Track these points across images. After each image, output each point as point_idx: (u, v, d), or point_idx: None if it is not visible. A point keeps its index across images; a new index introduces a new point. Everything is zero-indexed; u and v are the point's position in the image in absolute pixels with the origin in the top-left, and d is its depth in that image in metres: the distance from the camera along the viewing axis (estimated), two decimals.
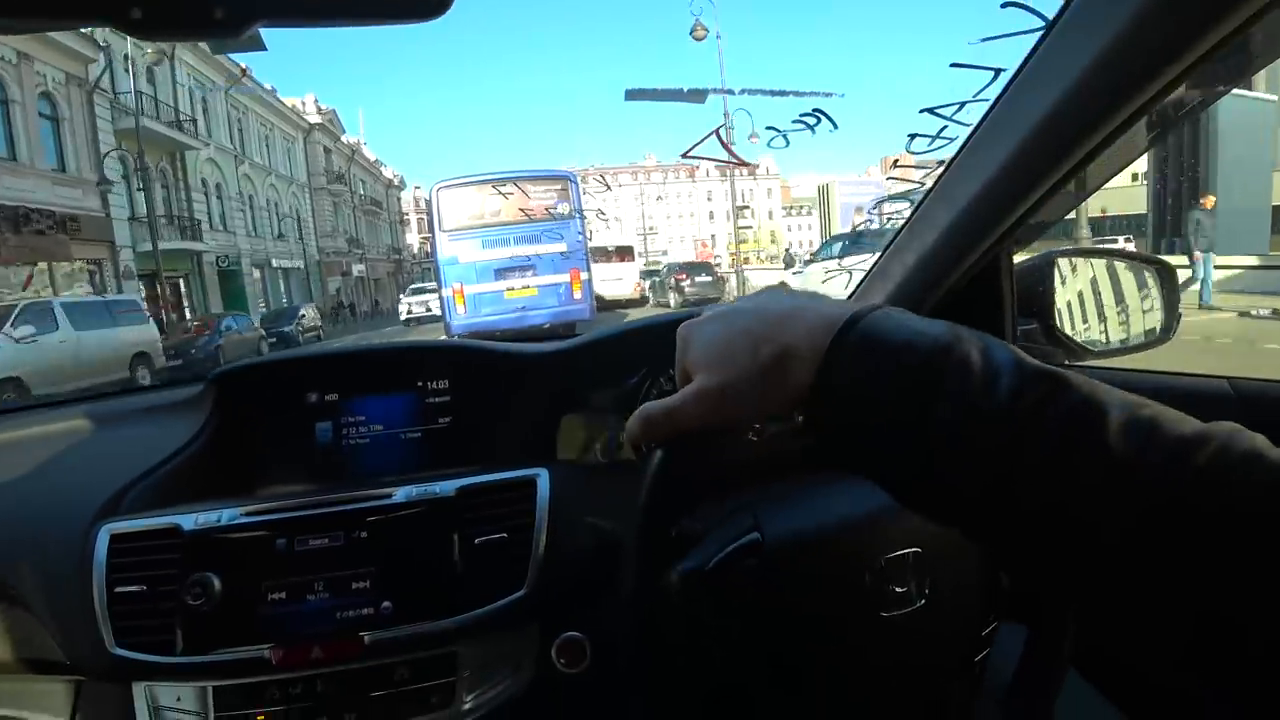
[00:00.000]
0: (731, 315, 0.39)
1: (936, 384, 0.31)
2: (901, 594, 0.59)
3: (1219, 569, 0.26)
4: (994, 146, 0.79)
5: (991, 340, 0.33)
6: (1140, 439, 0.28)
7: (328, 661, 0.69)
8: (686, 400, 0.38)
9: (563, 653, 0.73)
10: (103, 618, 0.68)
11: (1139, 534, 0.27)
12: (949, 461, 0.31)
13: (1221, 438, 0.28)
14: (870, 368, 0.33)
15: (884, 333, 0.33)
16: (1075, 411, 0.29)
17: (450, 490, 0.75)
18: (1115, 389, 0.30)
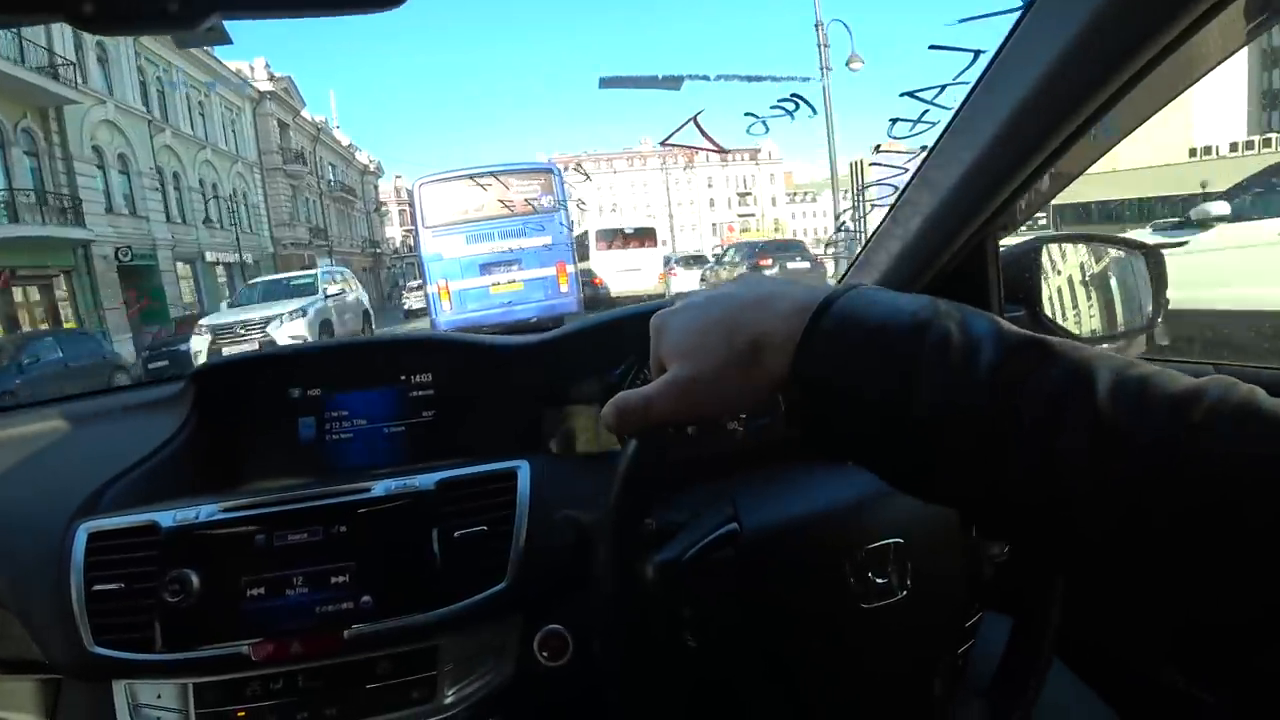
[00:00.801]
0: (705, 304, 0.38)
1: (915, 364, 0.30)
2: (883, 585, 0.59)
3: (1215, 532, 0.25)
4: (976, 130, 0.78)
5: (970, 313, 0.32)
6: (1131, 401, 0.27)
7: (308, 657, 0.69)
8: (660, 391, 0.37)
9: (544, 646, 0.73)
10: (81, 616, 0.68)
11: (1135, 500, 0.26)
12: (934, 442, 0.30)
13: (1215, 392, 0.27)
14: (847, 352, 0.32)
15: (859, 314, 0.32)
16: (1061, 379, 0.28)
17: (430, 484, 0.74)
18: (1104, 351, 0.30)
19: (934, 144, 0.85)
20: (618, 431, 0.42)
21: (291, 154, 31.30)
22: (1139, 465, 0.26)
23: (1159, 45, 0.61)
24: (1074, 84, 0.67)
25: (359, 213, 43.20)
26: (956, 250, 0.89)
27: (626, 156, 59.59)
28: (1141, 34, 0.60)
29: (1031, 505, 0.29)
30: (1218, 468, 0.25)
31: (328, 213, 36.32)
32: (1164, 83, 0.70)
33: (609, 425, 0.41)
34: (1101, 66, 0.65)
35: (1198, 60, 0.70)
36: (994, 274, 0.95)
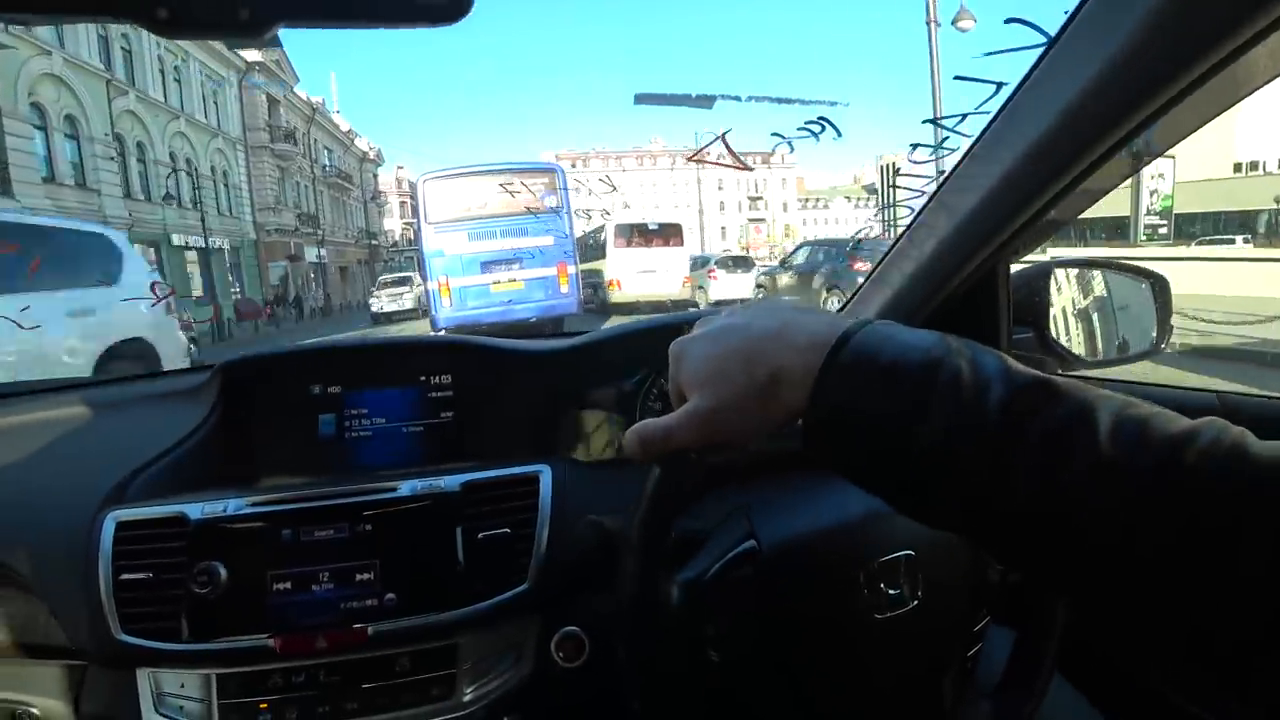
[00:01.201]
0: (723, 333, 0.40)
1: (928, 400, 0.32)
2: (895, 596, 0.61)
3: (1204, 568, 0.27)
4: (994, 158, 0.80)
5: (980, 351, 0.34)
6: (1131, 441, 0.29)
7: (331, 652, 0.70)
8: (681, 421, 0.39)
9: (562, 647, 0.75)
10: (109, 605, 0.69)
11: (1130, 535, 0.28)
12: (944, 475, 0.32)
13: (1209, 434, 0.29)
14: (862, 387, 0.33)
15: (874, 350, 0.34)
16: (1065, 417, 0.30)
17: (455, 485, 0.76)
18: (1106, 391, 0.31)
19: (952, 169, 0.87)
20: (641, 460, 0.44)
21: (281, 133, 28.45)
22: (1136, 500, 0.28)
23: (1175, 89, 0.63)
24: (1092, 119, 0.69)
25: (355, 201, 40.38)
26: (969, 273, 0.92)
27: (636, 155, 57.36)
28: (1160, 78, 0.63)
29: (1033, 535, 0.31)
30: (1208, 504, 0.27)
31: (320, 199, 33.60)
32: (1181, 120, 0.72)
33: (632, 453, 0.42)
34: (1120, 105, 0.67)
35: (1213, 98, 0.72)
36: (1004, 297, 0.97)
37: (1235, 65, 0.61)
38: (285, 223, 28.41)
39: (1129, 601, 0.29)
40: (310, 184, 32.59)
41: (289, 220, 28.70)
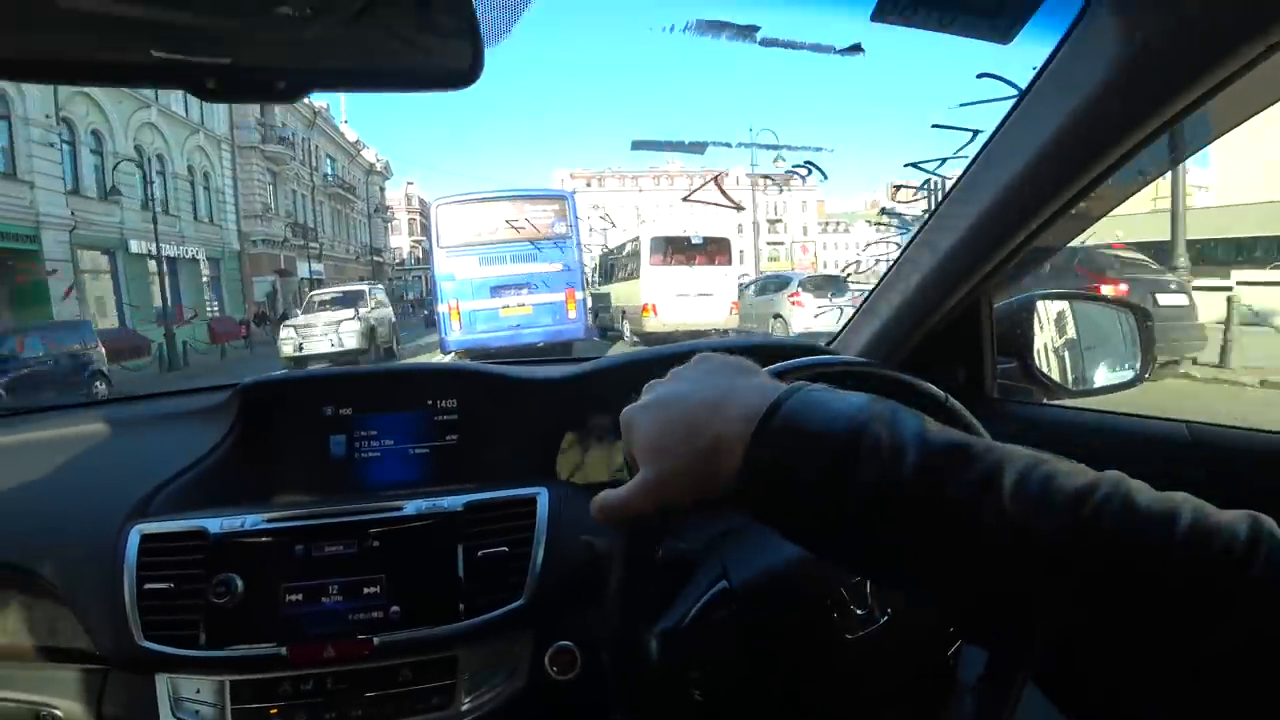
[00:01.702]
0: (667, 403, 0.43)
1: (847, 466, 0.35)
2: (864, 615, 0.64)
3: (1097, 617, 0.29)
4: (973, 199, 0.85)
5: (902, 415, 0.36)
6: (1034, 499, 0.31)
7: (339, 661, 0.74)
8: (634, 491, 0.42)
9: (555, 660, 0.78)
10: (132, 612, 0.73)
11: (1033, 591, 0.30)
12: (864, 535, 0.35)
13: (1104, 489, 0.31)
14: (789, 453, 0.36)
15: (802, 420, 0.37)
16: (976, 479, 0.33)
17: (458, 505, 0.80)
18: (1018, 448, 0.34)
19: (934, 209, 0.92)
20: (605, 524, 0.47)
21: (273, 133, 25.07)
22: (1039, 558, 0.31)
23: (1140, 137, 0.68)
24: (1062, 164, 0.74)
25: (359, 215, 37.57)
26: (953, 306, 0.96)
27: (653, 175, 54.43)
28: (1125, 126, 0.68)
29: (949, 590, 0.34)
30: (1102, 554, 0.30)
31: (319, 210, 30.51)
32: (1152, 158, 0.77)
33: (597, 521, 0.46)
34: (1087, 152, 0.72)
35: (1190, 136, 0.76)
36: (988, 328, 1.01)
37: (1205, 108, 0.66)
38: (275, 233, 24.68)
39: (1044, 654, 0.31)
40: (309, 193, 29.44)
41: (278, 230, 24.92)
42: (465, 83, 0.56)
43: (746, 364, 0.45)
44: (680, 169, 49.58)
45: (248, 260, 23.86)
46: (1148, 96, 0.65)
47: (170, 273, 18.40)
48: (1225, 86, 0.59)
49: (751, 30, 0.64)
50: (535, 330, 9.27)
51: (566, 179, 50.66)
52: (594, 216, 14.93)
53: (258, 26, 0.50)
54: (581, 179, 51.98)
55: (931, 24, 0.61)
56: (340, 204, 34.01)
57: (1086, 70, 0.68)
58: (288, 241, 25.56)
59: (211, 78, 0.51)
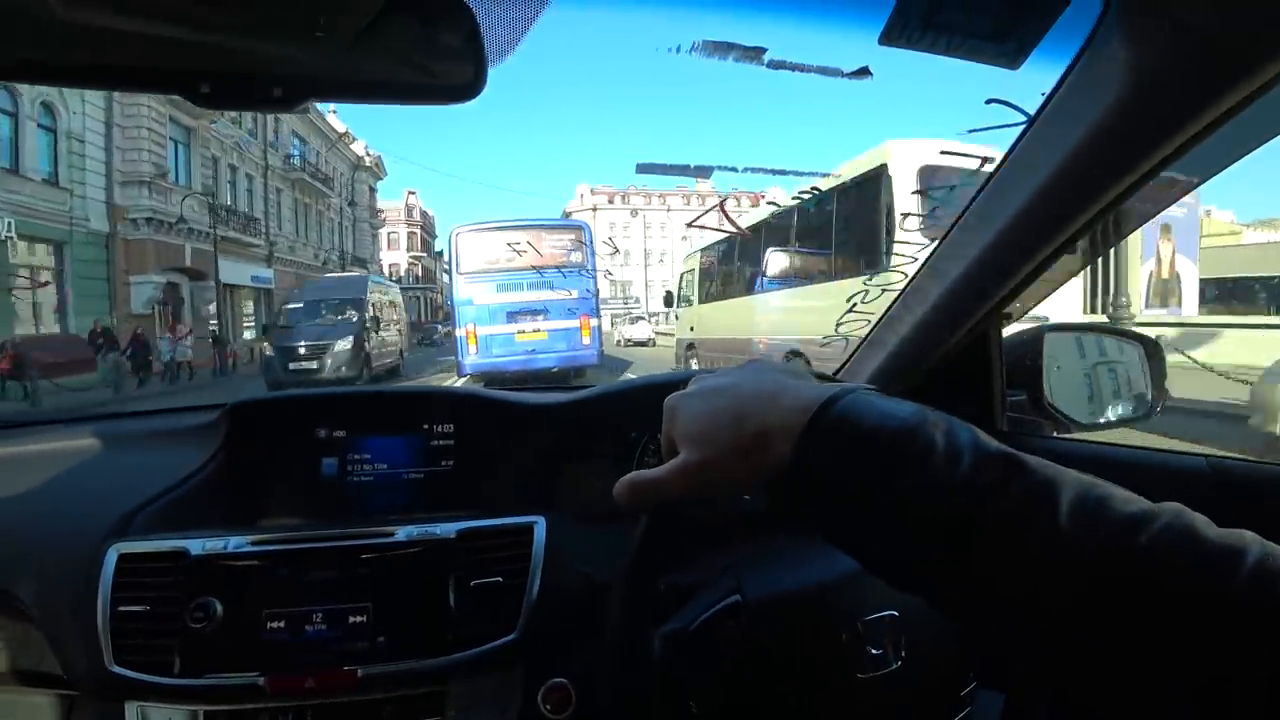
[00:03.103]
0: (716, 392, 0.42)
1: (902, 465, 0.34)
2: (878, 656, 0.61)
3: (1146, 645, 0.28)
4: (981, 227, 0.84)
5: (955, 423, 0.35)
6: (1089, 518, 0.30)
7: (320, 692, 0.70)
8: (672, 473, 0.41)
9: (549, 698, 0.74)
10: (104, 635, 0.70)
11: (1078, 609, 0.29)
12: (908, 536, 0.33)
13: (1165, 518, 0.30)
14: (842, 449, 0.35)
15: (856, 416, 0.36)
16: (1029, 492, 0.32)
17: (450, 532, 0.77)
18: (1071, 470, 0.33)
19: (943, 237, 0.91)
20: (630, 509, 0.45)
21: None
22: (1087, 577, 0.29)
23: (1152, 164, 0.67)
24: (1073, 192, 0.73)
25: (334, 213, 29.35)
26: (961, 336, 0.94)
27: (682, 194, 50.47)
28: (1137, 154, 0.67)
29: (989, 608, 0.32)
30: (1158, 586, 0.28)
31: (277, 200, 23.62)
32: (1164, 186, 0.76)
33: (622, 502, 0.44)
34: (1097, 179, 0.71)
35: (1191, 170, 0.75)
36: (997, 360, 0.99)
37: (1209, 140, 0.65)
38: (168, 209, 16.31)
39: (1079, 679, 0.30)
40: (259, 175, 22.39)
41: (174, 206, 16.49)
42: (468, 96, 0.55)
43: (797, 368, 0.44)
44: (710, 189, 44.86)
45: (121, 248, 15.47)
46: (1158, 123, 0.64)
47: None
48: (1240, 110, 0.58)
49: (758, 52, 0.63)
50: (550, 355, 9.45)
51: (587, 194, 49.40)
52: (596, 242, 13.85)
53: (257, 35, 0.50)
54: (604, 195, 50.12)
55: (939, 48, 0.61)
56: (309, 197, 26.35)
57: (1096, 96, 0.67)
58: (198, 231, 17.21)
59: (206, 83, 0.50)
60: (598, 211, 47.85)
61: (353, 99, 0.55)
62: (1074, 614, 0.29)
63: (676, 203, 49.24)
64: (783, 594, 0.61)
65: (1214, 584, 0.28)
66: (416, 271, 48.35)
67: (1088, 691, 0.30)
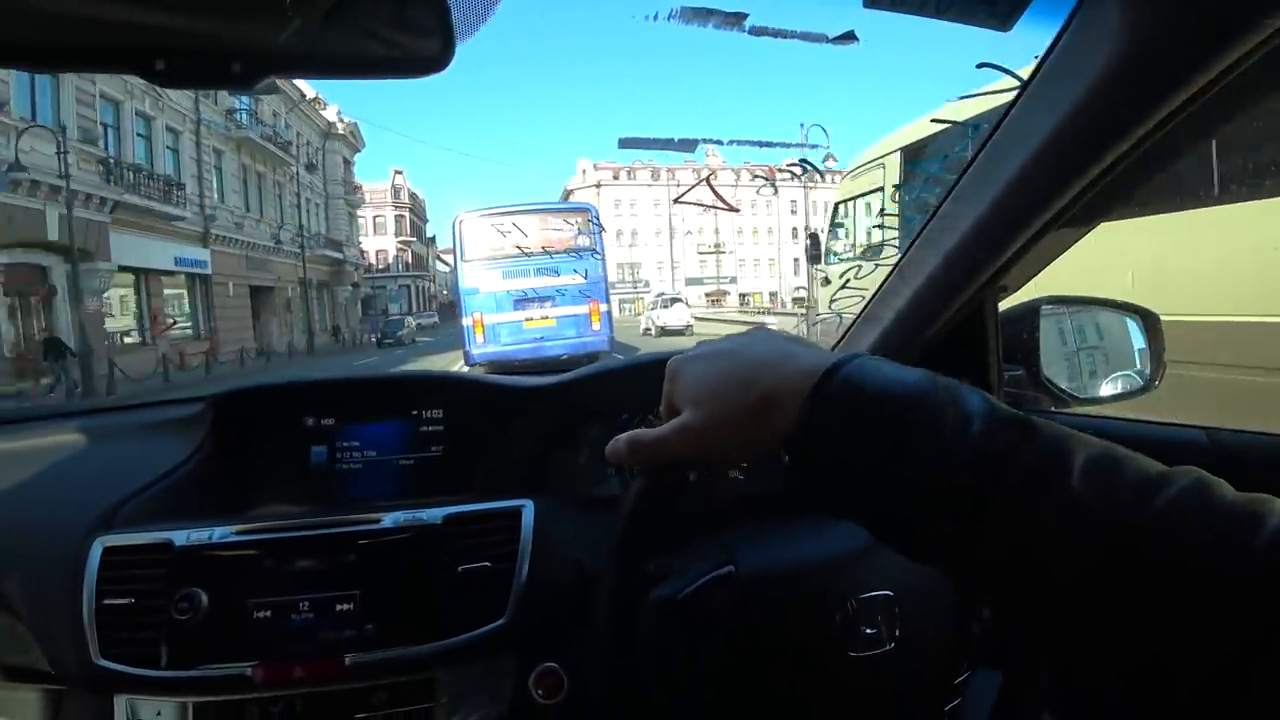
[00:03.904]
0: (720, 355, 0.41)
1: (910, 430, 0.33)
2: (872, 635, 0.60)
3: (1162, 611, 0.27)
4: (975, 197, 0.82)
5: (965, 388, 0.34)
6: (1104, 482, 0.29)
7: (309, 682, 0.70)
8: (674, 432, 0.40)
9: (540, 683, 0.74)
10: (90, 629, 0.70)
11: (1093, 574, 0.28)
12: (920, 503, 0.33)
13: (1182, 482, 0.29)
14: (849, 414, 0.35)
15: (863, 381, 0.35)
16: (1042, 456, 0.31)
17: (437, 518, 0.76)
18: (1085, 435, 0.32)
19: (936, 207, 0.89)
20: (628, 465, 0.45)
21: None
22: (1103, 542, 0.28)
23: (1148, 127, 0.65)
24: (1066, 158, 0.71)
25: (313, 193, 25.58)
26: (957, 309, 0.92)
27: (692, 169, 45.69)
28: (1131, 117, 0.65)
29: (1003, 572, 0.31)
30: (1175, 550, 0.27)
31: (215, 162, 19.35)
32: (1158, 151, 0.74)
33: (620, 459, 0.43)
34: (1093, 142, 0.69)
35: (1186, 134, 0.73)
36: (993, 334, 0.97)
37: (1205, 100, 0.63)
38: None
39: (1094, 641, 0.29)
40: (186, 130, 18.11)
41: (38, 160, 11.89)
42: (435, 68, 0.53)
43: (801, 337, 0.44)
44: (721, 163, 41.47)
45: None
46: (1157, 84, 0.62)
47: None
48: (1241, 66, 0.56)
49: (739, 18, 0.61)
50: (559, 342, 9.32)
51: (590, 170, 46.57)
52: None
53: (217, 9, 0.48)
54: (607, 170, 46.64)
55: (927, 10, 0.59)
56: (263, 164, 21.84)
57: (1092, 58, 0.64)
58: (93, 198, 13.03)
59: (160, 59, 0.48)
60: (602, 188, 45.27)
61: (316, 75, 0.53)
62: (1089, 580, 0.28)
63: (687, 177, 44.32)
64: (776, 569, 0.61)
65: (1232, 548, 0.27)
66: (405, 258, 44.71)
67: (1100, 661, 0.29)
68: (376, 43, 0.53)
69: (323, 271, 27.61)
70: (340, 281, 29.31)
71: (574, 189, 45.54)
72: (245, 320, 20.92)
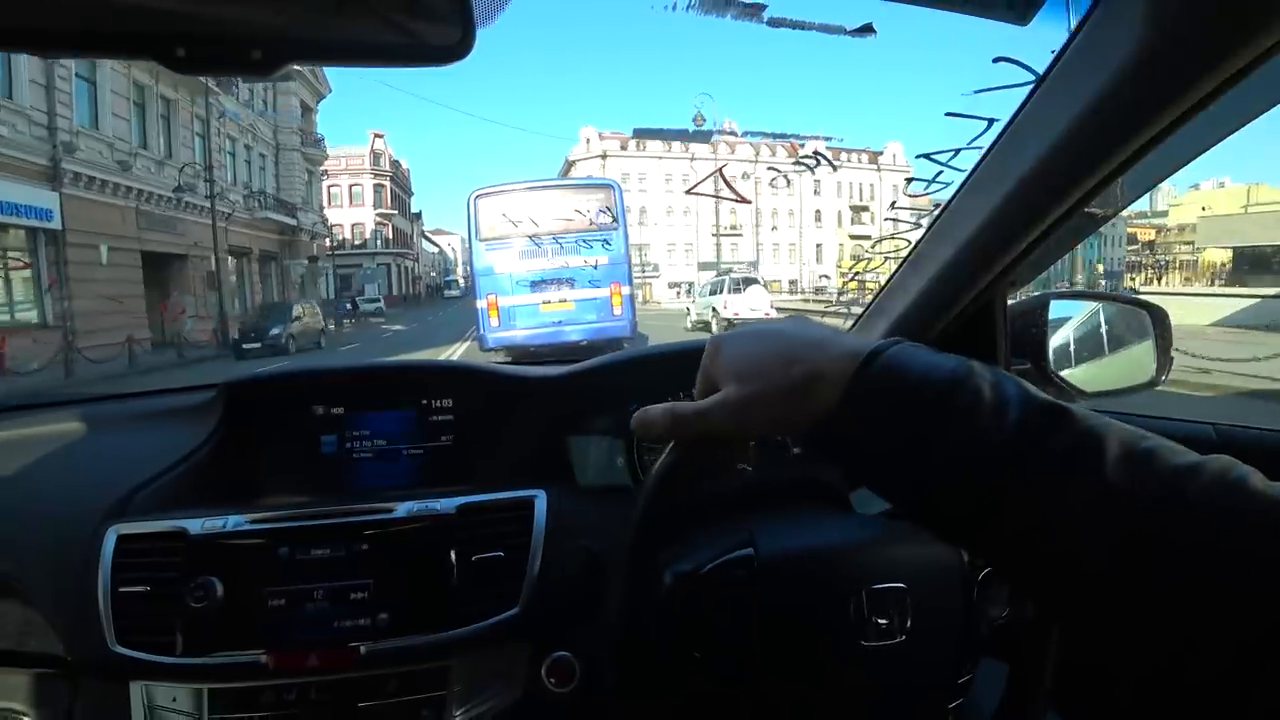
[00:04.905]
0: (764, 335, 0.42)
1: (949, 413, 0.34)
2: (883, 626, 0.61)
3: (1186, 597, 0.27)
4: (987, 192, 0.82)
5: (1002, 375, 0.35)
6: (1137, 469, 0.30)
7: (322, 670, 0.70)
8: (715, 405, 0.41)
9: (553, 672, 0.74)
10: (105, 616, 0.70)
11: (1119, 558, 0.29)
12: (954, 483, 0.33)
13: (1214, 470, 0.30)
14: (890, 395, 0.36)
15: (904, 365, 0.36)
16: (1074, 442, 0.32)
17: (451, 508, 0.77)
18: (1118, 422, 0.33)
19: (947, 203, 0.88)
20: (667, 437, 0.45)
21: None
22: (1135, 525, 0.29)
23: (1160, 126, 0.65)
24: (1081, 154, 0.71)
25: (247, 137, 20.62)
26: (967, 304, 0.92)
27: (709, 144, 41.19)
28: (1146, 113, 0.64)
29: (1032, 555, 0.32)
30: (1208, 537, 0.28)
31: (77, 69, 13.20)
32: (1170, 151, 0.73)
33: (654, 430, 0.43)
34: (1109, 137, 0.69)
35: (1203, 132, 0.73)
36: (1002, 328, 0.97)
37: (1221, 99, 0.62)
38: None
39: (1118, 628, 0.30)
40: None
41: None
42: (456, 57, 0.53)
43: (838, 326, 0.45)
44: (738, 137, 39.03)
45: None
46: (1173, 80, 0.62)
47: None
48: (1263, 61, 0.55)
49: (758, 9, 0.61)
50: (578, 327, 8.91)
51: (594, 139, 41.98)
52: None
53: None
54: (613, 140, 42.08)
55: (944, 2, 0.58)
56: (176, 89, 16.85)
57: (1109, 52, 0.64)
58: None
59: (181, 46, 0.47)
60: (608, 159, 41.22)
61: (335, 62, 0.52)
62: (1117, 567, 0.29)
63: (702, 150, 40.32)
64: (794, 552, 0.61)
65: (1265, 537, 0.27)
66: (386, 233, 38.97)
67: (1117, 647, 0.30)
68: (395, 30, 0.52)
69: (268, 240, 21.70)
70: (293, 254, 23.46)
71: (576, 159, 41.70)
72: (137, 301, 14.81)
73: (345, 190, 38.29)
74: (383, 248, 37.72)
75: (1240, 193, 21.69)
